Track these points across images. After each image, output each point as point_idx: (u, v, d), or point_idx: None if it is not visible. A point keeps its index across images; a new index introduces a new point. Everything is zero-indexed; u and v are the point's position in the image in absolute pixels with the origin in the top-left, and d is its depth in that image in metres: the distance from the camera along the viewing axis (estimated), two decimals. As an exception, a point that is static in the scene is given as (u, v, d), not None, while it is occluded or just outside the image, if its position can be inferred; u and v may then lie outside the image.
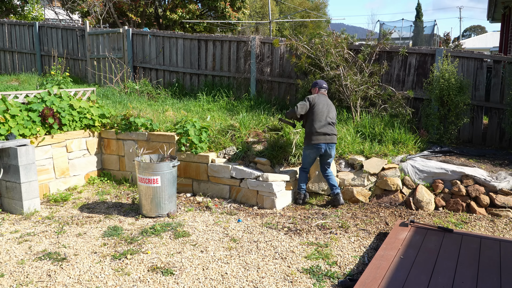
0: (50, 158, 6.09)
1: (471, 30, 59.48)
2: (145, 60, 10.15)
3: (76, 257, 4.17)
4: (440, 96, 6.59)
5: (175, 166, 5.32)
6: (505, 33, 12.64)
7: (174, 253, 4.28)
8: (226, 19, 18.61)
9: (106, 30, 10.60)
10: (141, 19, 18.27)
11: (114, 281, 3.73)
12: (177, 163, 5.34)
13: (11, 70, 12.25)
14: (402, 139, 6.33)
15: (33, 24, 11.80)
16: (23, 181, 5.25)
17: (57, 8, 19.56)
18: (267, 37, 8.78)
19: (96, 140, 6.78)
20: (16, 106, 5.83)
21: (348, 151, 6.10)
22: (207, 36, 9.40)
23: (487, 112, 7.26)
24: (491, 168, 5.74)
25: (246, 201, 5.78)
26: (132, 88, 9.12)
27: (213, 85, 9.14)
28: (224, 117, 7.11)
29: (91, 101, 7.00)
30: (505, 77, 6.91)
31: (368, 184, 5.80)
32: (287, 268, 3.99)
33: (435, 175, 5.67)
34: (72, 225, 4.99)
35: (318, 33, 7.85)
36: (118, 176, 6.77)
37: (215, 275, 3.86)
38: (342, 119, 7.15)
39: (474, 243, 4.21)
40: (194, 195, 6.10)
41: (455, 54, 7.13)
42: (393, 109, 7.06)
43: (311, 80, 7.52)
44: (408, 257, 3.89)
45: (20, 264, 4.02)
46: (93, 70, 10.75)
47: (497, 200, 5.35)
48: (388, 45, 7.53)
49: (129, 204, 5.75)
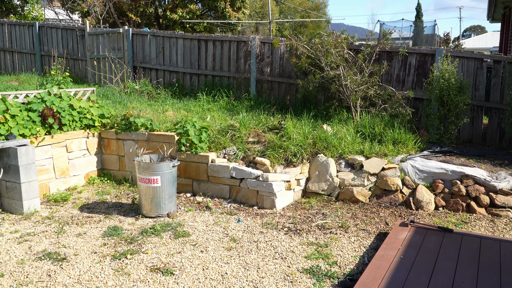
0: (50, 158, 6.09)
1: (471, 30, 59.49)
2: (145, 60, 10.15)
3: (76, 257, 4.18)
4: (440, 96, 6.59)
5: (175, 166, 5.32)
6: (505, 33, 12.64)
7: (174, 253, 4.28)
8: (226, 19, 18.62)
9: (106, 30, 10.61)
10: (141, 19, 18.27)
11: (114, 281, 3.73)
12: (177, 163, 5.34)
13: (11, 70, 12.25)
14: (402, 139, 6.33)
15: (33, 24, 11.80)
16: (23, 181, 5.25)
17: (57, 8, 19.56)
18: (267, 37, 8.78)
19: (96, 140, 6.78)
20: (16, 106, 5.83)
21: (348, 151, 6.10)
22: (207, 36, 9.40)
23: (487, 112, 7.26)
24: (491, 168, 5.74)
25: (246, 201, 5.78)
26: (132, 88, 9.12)
27: (213, 85, 9.14)
28: (224, 117, 7.11)
29: (91, 101, 7.00)
30: (505, 77, 6.91)
31: (368, 184, 5.80)
32: (287, 268, 3.99)
33: (435, 175, 5.67)
34: (72, 225, 4.99)
35: (318, 33, 7.85)
36: (118, 176, 6.77)
37: (215, 275, 3.86)
38: (342, 119, 7.15)
39: (474, 243, 4.21)
40: (194, 195, 6.10)
41: (455, 54, 7.13)
42: (393, 109, 7.06)
43: (311, 80, 7.53)
44: (408, 257, 3.89)
45: (20, 264, 4.02)
46: (93, 70, 10.75)
47: (497, 200, 5.35)
48: (388, 45, 7.53)
49: (129, 204, 5.75)
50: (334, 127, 6.72)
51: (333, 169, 5.92)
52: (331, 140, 6.19)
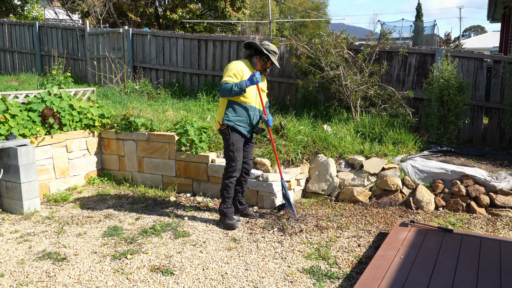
0: (50, 158, 6.09)
1: (471, 30, 59.50)
2: (145, 60, 10.15)
3: (76, 257, 4.18)
4: (440, 96, 6.59)
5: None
6: (505, 33, 12.64)
7: (174, 253, 4.28)
8: (226, 19, 18.61)
9: (106, 30, 10.61)
10: (141, 19, 18.28)
11: (114, 281, 3.73)
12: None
13: (11, 70, 12.25)
14: (402, 139, 6.33)
15: (33, 24, 11.80)
16: (23, 181, 5.25)
17: (57, 8, 19.56)
18: (267, 37, 8.78)
19: (96, 140, 6.78)
20: (16, 106, 5.83)
21: (348, 151, 6.10)
22: (207, 36, 9.40)
23: (487, 112, 7.26)
24: (491, 168, 5.74)
25: (246, 201, 5.77)
26: (132, 88, 9.12)
27: (213, 85, 9.14)
28: (224, 117, 7.10)
29: (91, 101, 7.00)
30: (505, 77, 6.91)
31: (368, 184, 5.80)
32: (287, 268, 3.99)
33: (435, 175, 5.67)
34: (72, 225, 4.99)
35: (318, 33, 7.86)
36: (118, 176, 6.77)
37: (215, 275, 3.86)
38: (342, 119, 7.16)
39: (474, 243, 4.21)
40: (194, 195, 6.10)
41: (455, 54, 7.13)
42: (393, 109, 7.06)
43: (311, 80, 7.53)
44: (408, 257, 3.89)
45: (20, 264, 4.02)
46: (93, 70, 10.75)
47: (497, 200, 5.35)
48: (388, 45, 7.53)
49: (129, 204, 5.75)
50: (334, 127, 6.72)
51: (333, 169, 5.92)
52: (331, 140, 6.19)
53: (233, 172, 4.86)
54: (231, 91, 4.56)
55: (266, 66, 4.87)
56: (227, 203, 4.93)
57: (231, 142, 4.78)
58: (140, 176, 6.57)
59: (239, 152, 4.82)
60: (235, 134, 4.79)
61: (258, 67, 4.85)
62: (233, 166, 4.84)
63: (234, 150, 4.79)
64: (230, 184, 4.90)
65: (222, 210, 4.95)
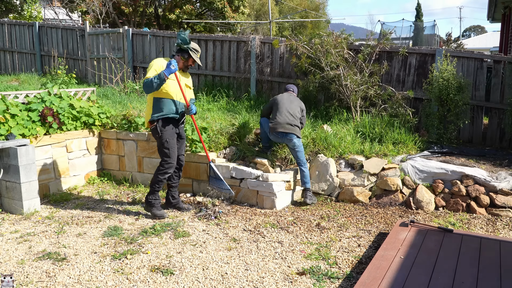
0: (50, 158, 6.09)
1: (471, 30, 59.49)
2: (145, 60, 10.14)
3: (76, 257, 4.17)
4: (440, 96, 6.58)
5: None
6: (505, 33, 12.65)
7: (174, 253, 4.28)
8: (225, 19, 18.62)
9: (106, 30, 10.60)
10: (141, 19, 18.28)
11: (114, 281, 3.73)
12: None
13: (11, 70, 12.24)
14: (402, 139, 6.33)
15: (33, 24, 11.80)
16: (23, 181, 5.25)
17: (57, 8, 19.55)
18: (267, 37, 8.78)
19: (96, 140, 6.77)
20: (16, 106, 5.83)
21: (348, 151, 6.10)
22: (207, 36, 9.40)
23: (487, 112, 7.26)
24: (491, 168, 5.74)
25: (246, 201, 5.78)
26: (132, 88, 9.12)
27: (213, 85, 9.13)
28: (224, 117, 7.11)
29: (91, 101, 6.99)
30: (505, 77, 6.91)
31: (368, 184, 5.79)
32: (287, 268, 3.99)
33: (435, 175, 5.67)
34: (72, 225, 4.99)
35: (318, 33, 7.85)
36: (118, 176, 6.77)
37: (215, 275, 3.85)
38: (342, 119, 7.15)
39: (474, 243, 4.21)
40: (194, 195, 6.10)
41: (455, 54, 7.13)
42: (393, 109, 7.06)
43: (311, 80, 7.53)
44: (408, 257, 3.89)
45: (20, 264, 4.02)
46: (93, 70, 10.75)
47: (497, 200, 5.35)
48: (388, 45, 7.52)
49: (130, 204, 5.75)
50: (334, 127, 6.72)
51: (333, 169, 5.92)
52: (331, 140, 6.19)
53: (168, 169, 5.11)
54: (152, 84, 4.75)
55: (188, 64, 5.13)
56: (156, 195, 5.19)
57: (165, 140, 5.01)
58: (140, 176, 6.57)
59: (173, 148, 5.06)
60: (166, 129, 5.00)
61: (180, 64, 5.10)
62: (169, 163, 5.09)
63: (168, 147, 5.03)
64: (164, 180, 5.16)
65: (150, 201, 5.18)
